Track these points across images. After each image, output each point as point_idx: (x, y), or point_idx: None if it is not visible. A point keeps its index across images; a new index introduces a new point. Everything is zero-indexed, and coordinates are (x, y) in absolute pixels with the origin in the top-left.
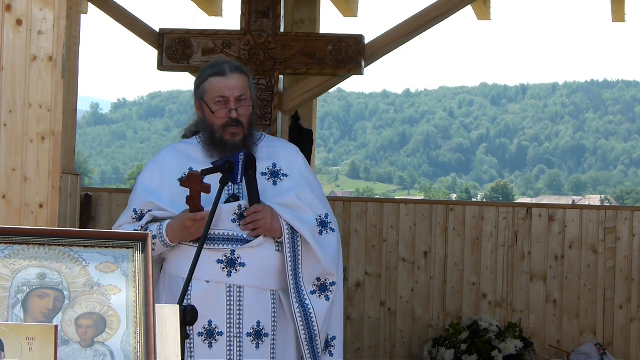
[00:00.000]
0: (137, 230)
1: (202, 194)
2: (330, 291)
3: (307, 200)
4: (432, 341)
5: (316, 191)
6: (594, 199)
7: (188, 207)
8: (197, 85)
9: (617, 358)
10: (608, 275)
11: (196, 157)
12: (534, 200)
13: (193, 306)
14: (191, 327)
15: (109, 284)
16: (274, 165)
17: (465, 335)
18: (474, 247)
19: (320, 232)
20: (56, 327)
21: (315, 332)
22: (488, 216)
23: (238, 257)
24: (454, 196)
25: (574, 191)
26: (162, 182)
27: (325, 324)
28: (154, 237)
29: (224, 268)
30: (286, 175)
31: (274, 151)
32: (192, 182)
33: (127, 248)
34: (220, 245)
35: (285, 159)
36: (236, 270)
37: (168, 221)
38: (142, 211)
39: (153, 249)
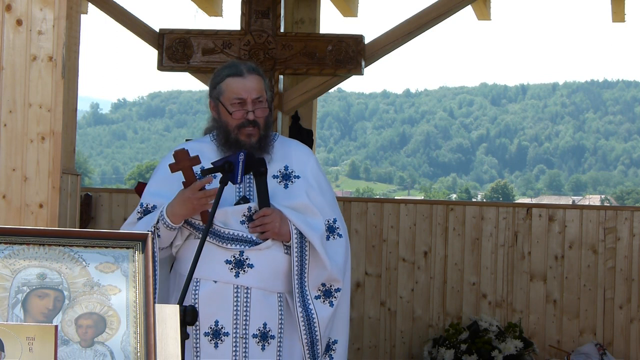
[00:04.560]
0: (150, 230)
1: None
2: (335, 297)
3: (317, 203)
4: (432, 341)
5: (326, 195)
6: (594, 199)
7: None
8: (214, 85)
9: (617, 358)
10: (608, 275)
11: (208, 155)
12: (534, 200)
13: (193, 306)
14: (197, 327)
15: (109, 284)
16: (286, 167)
17: (465, 335)
18: (474, 247)
19: (328, 238)
20: (56, 327)
21: (317, 337)
22: (488, 216)
23: (246, 259)
24: (454, 196)
25: (574, 191)
26: (171, 180)
27: (328, 329)
28: (157, 221)
29: (232, 269)
30: (298, 177)
31: (287, 152)
32: (180, 160)
33: (127, 248)
34: (230, 245)
35: (298, 161)
36: (244, 271)
37: (167, 203)
38: (147, 205)
39: (159, 236)
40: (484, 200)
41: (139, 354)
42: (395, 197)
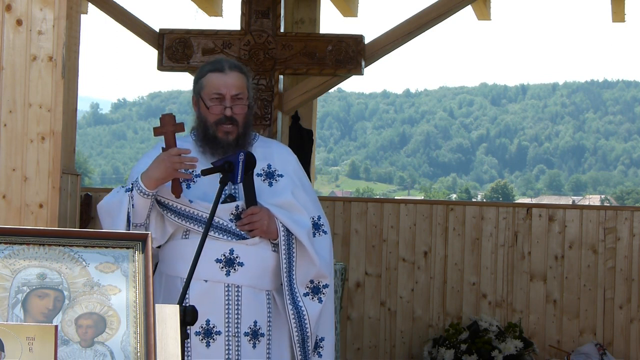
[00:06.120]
0: (126, 200)
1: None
2: (323, 293)
3: (302, 201)
4: (432, 341)
5: (309, 193)
6: (594, 199)
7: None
8: (196, 80)
9: (617, 358)
10: (608, 275)
11: (192, 154)
12: (534, 200)
13: (193, 306)
14: (188, 327)
15: (109, 284)
16: (269, 166)
17: (465, 335)
18: (474, 247)
19: (314, 234)
20: (56, 327)
21: (308, 334)
22: (488, 216)
23: (237, 257)
24: (454, 196)
25: (574, 191)
26: None
27: (317, 326)
28: (130, 189)
29: (222, 267)
30: (281, 176)
31: (269, 151)
32: (165, 124)
33: (127, 248)
34: (218, 234)
35: (280, 159)
36: (235, 269)
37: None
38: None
39: (133, 206)
40: (484, 200)
41: (139, 354)
42: (395, 197)
